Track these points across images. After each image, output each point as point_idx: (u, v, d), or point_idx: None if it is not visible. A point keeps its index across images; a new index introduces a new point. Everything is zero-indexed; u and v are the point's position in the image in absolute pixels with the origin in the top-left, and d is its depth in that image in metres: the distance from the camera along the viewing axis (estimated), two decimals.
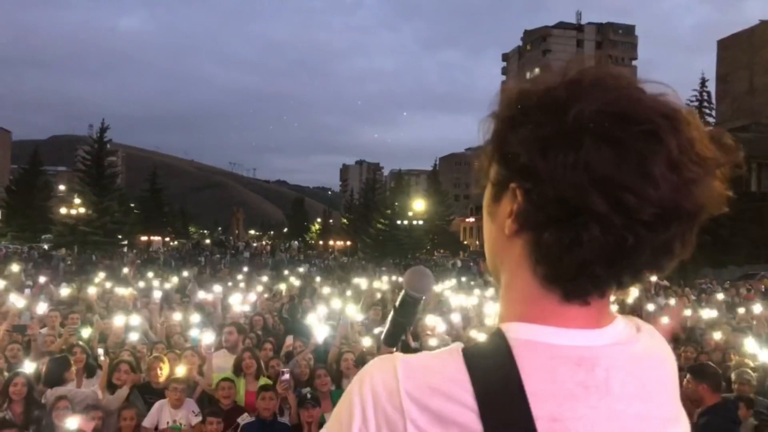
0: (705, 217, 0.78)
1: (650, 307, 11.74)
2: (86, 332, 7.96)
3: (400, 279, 17.77)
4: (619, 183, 0.72)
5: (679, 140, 0.74)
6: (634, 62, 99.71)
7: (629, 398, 0.81)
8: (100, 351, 6.47)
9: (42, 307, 8.61)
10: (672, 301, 14.43)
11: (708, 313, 11.28)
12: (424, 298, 1.35)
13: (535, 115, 0.78)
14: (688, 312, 11.54)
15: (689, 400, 5.20)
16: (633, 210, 0.72)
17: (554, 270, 0.79)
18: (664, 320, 8.91)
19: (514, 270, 0.85)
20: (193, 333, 8.22)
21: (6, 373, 6.03)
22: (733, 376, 5.87)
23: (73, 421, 4.68)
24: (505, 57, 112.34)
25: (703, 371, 5.10)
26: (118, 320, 7.97)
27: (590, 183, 0.72)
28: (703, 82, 43.62)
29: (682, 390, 5.35)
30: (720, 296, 17.25)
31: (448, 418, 0.75)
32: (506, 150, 0.81)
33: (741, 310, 12.45)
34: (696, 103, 42.98)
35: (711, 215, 0.79)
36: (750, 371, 6.01)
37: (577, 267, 0.77)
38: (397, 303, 1.36)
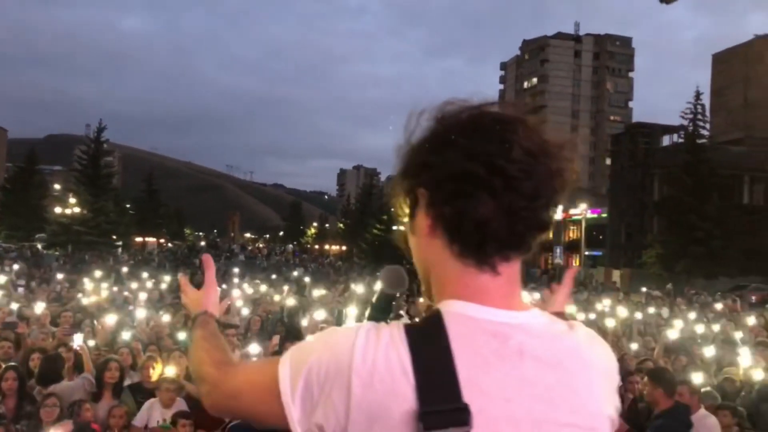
0: (564, 183, 0.98)
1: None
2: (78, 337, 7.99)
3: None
4: (488, 153, 0.93)
5: (523, 127, 0.96)
6: (630, 74, 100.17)
7: (543, 370, 0.93)
8: (76, 337, 6.34)
9: (39, 307, 8.75)
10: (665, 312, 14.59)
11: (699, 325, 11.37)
12: (398, 294, 1.45)
13: (421, 140, 1.02)
14: (678, 322, 11.63)
15: (646, 403, 5.60)
16: (503, 169, 0.93)
17: (462, 239, 0.96)
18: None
19: (440, 261, 1.00)
20: (182, 335, 8.25)
21: None
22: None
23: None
24: (504, 66, 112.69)
25: (660, 376, 5.30)
26: (110, 319, 8.05)
27: (468, 158, 0.93)
28: (698, 95, 43.81)
29: (648, 392, 5.37)
30: (719, 306, 17.43)
31: (384, 372, 0.88)
32: (405, 161, 1.03)
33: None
34: (690, 116, 43.13)
35: (570, 183, 0.98)
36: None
37: (476, 226, 0.94)
38: (374, 299, 1.47)
